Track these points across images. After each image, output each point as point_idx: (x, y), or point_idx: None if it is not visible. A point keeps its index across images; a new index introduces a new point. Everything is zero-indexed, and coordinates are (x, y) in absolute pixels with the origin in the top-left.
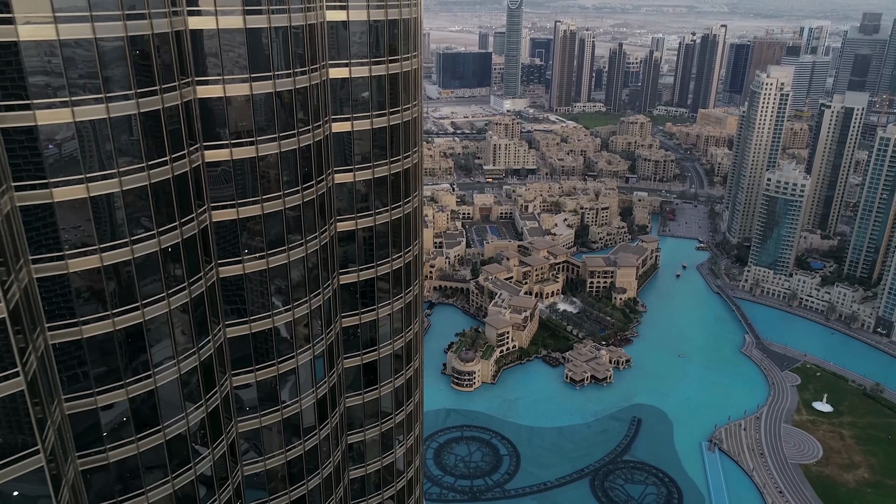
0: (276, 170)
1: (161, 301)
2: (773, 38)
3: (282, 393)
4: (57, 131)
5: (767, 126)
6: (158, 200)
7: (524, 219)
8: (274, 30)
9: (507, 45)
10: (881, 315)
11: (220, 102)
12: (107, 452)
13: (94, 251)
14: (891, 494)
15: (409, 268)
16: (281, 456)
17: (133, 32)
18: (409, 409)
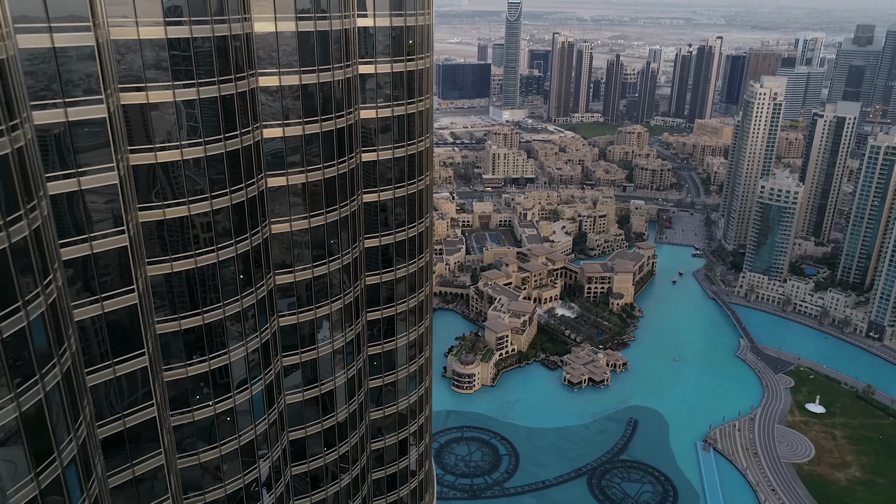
0: (320, 147)
1: (229, 247)
2: (768, 49)
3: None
4: (161, 108)
5: (761, 135)
6: (232, 166)
7: (523, 226)
8: (317, 33)
9: (506, 56)
10: (873, 319)
11: (277, 91)
12: (186, 368)
13: (184, 203)
14: (881, 492)
15: (423, 237)
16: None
17: (218, 34)
18: (421, 331)
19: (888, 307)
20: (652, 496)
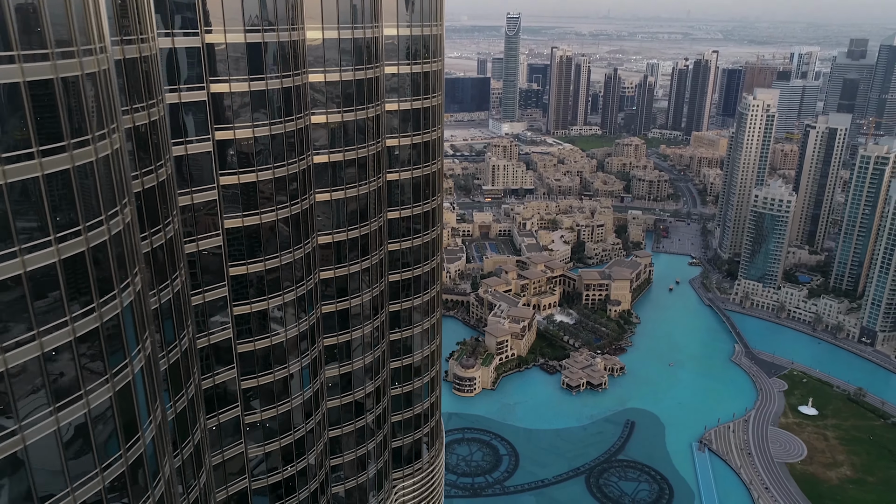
0: (354, 133)
1: (284, 208)
2: (764, 63)
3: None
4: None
5: (755, 146)
6: (288, 144)
7: (522, 236)
8: (353, 40)
9: (505, 70)
10: (865, 325)
11: (323, 85)
12: (250, 305)
13: (252, 171)
14: (871, 490)
15: (434, 213)
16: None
17: (269, 40)
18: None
19: (879, 313)
20: (648, 494)
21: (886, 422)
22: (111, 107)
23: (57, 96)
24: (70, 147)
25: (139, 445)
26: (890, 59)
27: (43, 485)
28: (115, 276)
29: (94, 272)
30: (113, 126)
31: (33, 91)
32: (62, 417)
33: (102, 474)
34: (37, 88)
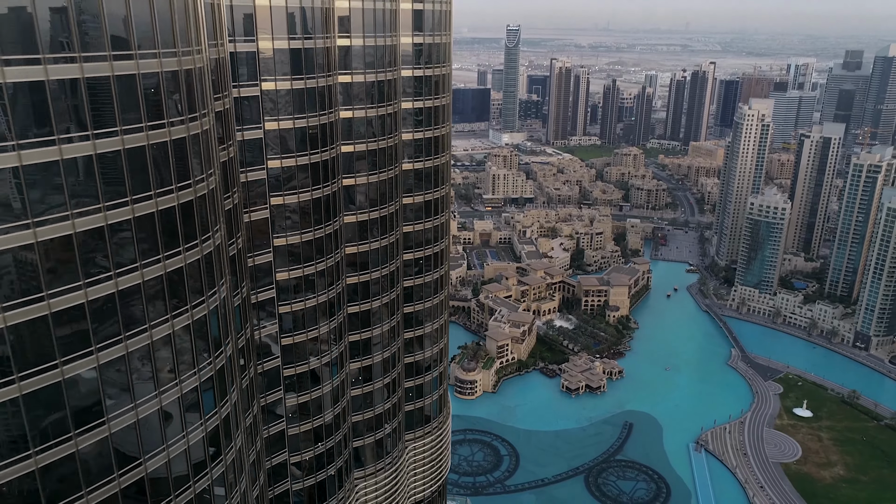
0: (373, 126)
1: (318, 190)
2: (761, 74)
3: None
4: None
5: (751, 154)
6: (322, 136)
7: (522, 243)
8: (375, 47)
9: (505, 81)
10: (859, 330)
11: (350, 85)
12: (288, 272)
13: (291, 157)
14: (864, 489)
15: (441, 201)
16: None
17: (307, 46)
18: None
19: (873, 318)
20: (646, 493)
21: (879, 423)
22: (206, 94)
23: (179, 83)
24: (187, 121)
25: (221, 357)
26: (885, 69)
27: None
28: (209, 223)
29: (198, 217)
30: (205, 111)
31: (166, 79)
32: (177, 323)
33: (199, 373)
34: (168, 77)
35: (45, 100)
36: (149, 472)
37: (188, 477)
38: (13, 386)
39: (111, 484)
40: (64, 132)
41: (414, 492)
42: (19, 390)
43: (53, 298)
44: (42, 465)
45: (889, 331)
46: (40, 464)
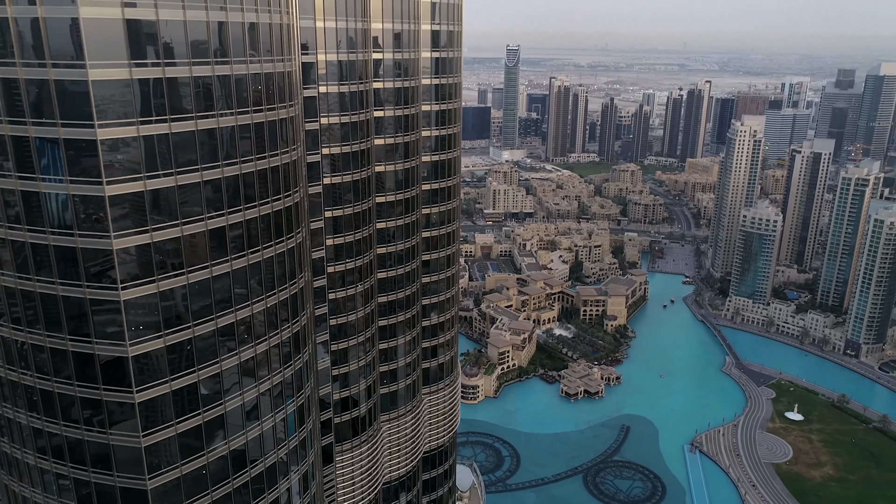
0: (395, 124)
1: (353, 174)
2: (756, 92)
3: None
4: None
5: (743, 169)
6: (359, 130)
7: (522, 256)
8: (396, 61)
9: (505, 100)
10: (850, 338)
11: (381, 91)
12: (333, 239)
13: (336, 146)
14: (852, 487)
15: (451, 190)
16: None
17: (351, 58)
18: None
19: (862, 326)
20: (642, 491)
21: (868, 426)
22: (296, 90)
23: (284, 80)
24: (287, 107)
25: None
26: (876, 88)
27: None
28: (295, 182)
29: (289, 177)
30: (293, 102)
31: (268, 78)
32: (280, 294)
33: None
34: (278, 75)
35: (215, 87)
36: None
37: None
38: (182, 277)
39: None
40: (223, 108)
41: (430, 438)
42: (186, 281)
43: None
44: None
45: (878, 338)
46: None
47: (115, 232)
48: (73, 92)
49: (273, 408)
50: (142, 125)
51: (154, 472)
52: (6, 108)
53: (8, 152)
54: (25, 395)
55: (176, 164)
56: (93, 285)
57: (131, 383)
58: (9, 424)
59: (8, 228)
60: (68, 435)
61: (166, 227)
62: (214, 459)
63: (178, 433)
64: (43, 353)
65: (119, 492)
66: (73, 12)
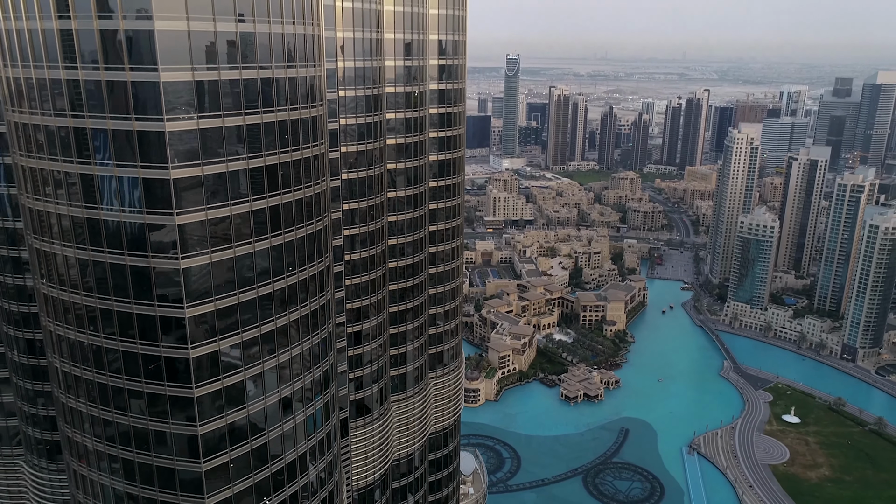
0: (406, 125)
1: (371, 169)
2: (754, 101)
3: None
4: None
5: (741, 176)
6: (375, 130)
7: (522, 262)
8: (411, 67)
9: (505, 109)
10: (846, 342)
11: (394, 95)
12: (349, 230)
13: (364, 143)
14: (848, 488)
15: (457, 187)
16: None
17: (367, 65)
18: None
19: (858, 331)
20: (641, 492)
21: (864, 428)
22: (323, 89)
23: (316, 83)
24: (316, 106)
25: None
26: (874, 96)
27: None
28: (318, 174)
29: (314, 169)
30: (320, 102)
31: (294, 82)
32: (309, 270)
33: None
34: (309, 79)
35: (259, 87)
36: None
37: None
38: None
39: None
40: (264, 106)
41: (436, 420)
42: (233, 253)
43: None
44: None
45: (874, 343)
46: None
47: (178, 209)
48: (148, 90)
49: (303, 370)
50: (200, 119)
51: (204, 419)
52: (110, 105)
53: (105, 143)
54: (93, 354)
55: (227, 154)
56: (158, 255)
57: (187, 341)
58: (76, 382)
59: (86, 208)
60: (131, 388)
61: (219, 207)
62: (255, 411)
63: (224, 386)
64: (111, 315)
65: (172, 438)
66: (150, 25)
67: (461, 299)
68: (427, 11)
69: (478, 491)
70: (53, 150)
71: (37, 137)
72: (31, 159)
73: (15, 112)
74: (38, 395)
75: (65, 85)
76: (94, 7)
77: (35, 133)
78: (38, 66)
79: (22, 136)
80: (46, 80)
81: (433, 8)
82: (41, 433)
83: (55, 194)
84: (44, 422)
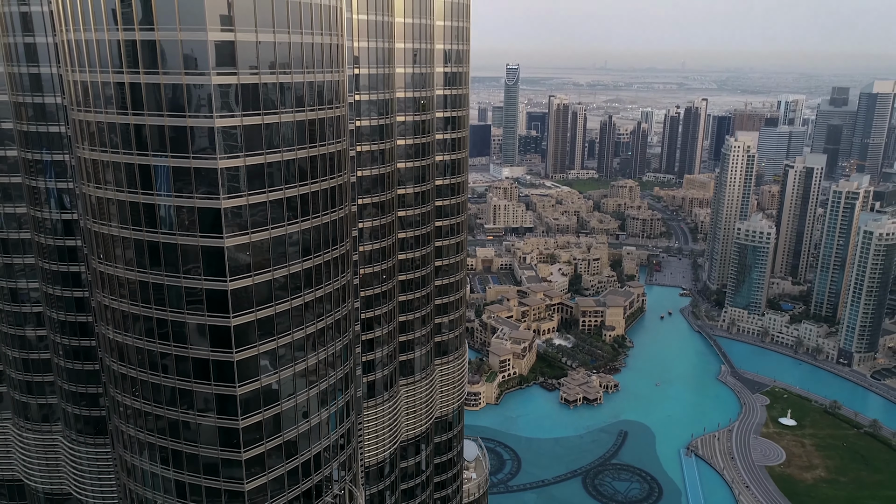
0: (420, 128)
1: (382, 167)
2: (752, 110)
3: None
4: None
5: (738, 183)
6: (386, 132)
7: (522, 269)
8: (421, 74)
9: (505, 118)
10: (842, 347)
11: (404, 100)
12: (362, 223)
13: (367, 144)
14: (843, 488)
15: (461, 186)
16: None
17: (380, 73)
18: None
19: (854, 336)
20: (639, 492)
21: (859, 431)
22: (345, 92)
23: (340, 86)
24: (339, 107)
25: (347, 274)
26: (870, 105)
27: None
28: (341, 166)
29: (338, 162)
30: (343, 104)
31: (322, 85)
32: (333, 253)
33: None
34: (335, 83)
35: (292, 89)
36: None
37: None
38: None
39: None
40: (295, 106)
41: (441, 405)
42: (269, 235)
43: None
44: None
45: (870, 347)
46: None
47: (223, 195)
48: (199, 92)
49: (328, 340)
50: (244, 117)
51: (242, 380)
52: (168, 104)
53: (161, 139)
54: (144, 324)
55: (266, 146)
56: (206, 235)
57: (229, 311)
58: (127, 350)
59: (143, 194)
60: (178, 354)
61: (257, 193)
62: (286, 377)
63: (259, 352)
64: (162, 288)
65: (215, 398)
66: (203, 35)
67: (465, 292)
68: (434, 23)
69: (480, 475)
70: (114, 144)
71: (99, 132)
72: (94, 152)
73: (81, 111)
74: (80, 375)
75: (127, 88)
76: (155, 20)
77: (97, 129)
78: (103, 71)
79: (85, 132)
80: (111, 84)
81: (440, 20)
82: (80, 409)
83: (114, 181)
84: (82, 399)
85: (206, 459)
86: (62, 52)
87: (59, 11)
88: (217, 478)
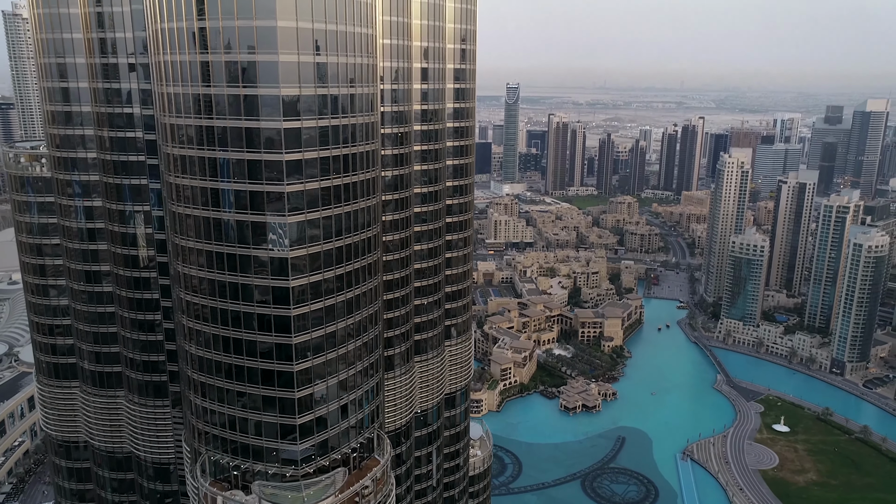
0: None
1: (398, 169)
2: (748, 128)
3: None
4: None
5: (732, 198)
6: (401, 138)
7: (523, 282)
8: (435, 90)
9: (506, 136)
10: (835, 357)
11: (420, 112)
12: (382, 216)
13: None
14: (833, 490)
15: (468, 187)
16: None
17: (399, 87)
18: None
19: (846, 346)
20: (636, 494)
21: (850, 437)
22: (377, 103)
23: (372, 99)
24: (374, 114)
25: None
26: (863, 123)
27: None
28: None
29: (372, 159)
30: (376, 112)
31: (361, 97)
32: (366, 233)
33: (364, 258)
34: (369, 95)
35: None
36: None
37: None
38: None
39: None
40: (343, 112)
41: (450, 382)
42: (319, 216)
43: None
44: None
45: (861, 357)
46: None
47: (287, 181)
48: (270, 101)
49: (363, 305)
50: (305, 120)
51: (299, 331)
52: (244, 109)
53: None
54: (217, 287)
55: (319, 144)
56: (271, 213)
57: (288, 274)
58: (197, 310)
59: (210, 180)
60: (246, 311)
61: (311, 181)
62: (332, 331)
63: (311, 310)
64: (235, 259)
65: (274, 347)
66: (275, 57)
67: (471, 281)
68: (445, 46)
69: (484, 452)
70: (191, 142)
71: (181, 132)
72: (176, 148)
73: (168, 116)
74: (143, 345)
75: (202, 98)
76: (235, 44)
77: (181, 130)
78: (193, 84)
79: (170, 133)
80: (189, 94)
81: (450, 43)
82: (142, 375)
83: (191, 172)
84: (143, 366)
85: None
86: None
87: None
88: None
